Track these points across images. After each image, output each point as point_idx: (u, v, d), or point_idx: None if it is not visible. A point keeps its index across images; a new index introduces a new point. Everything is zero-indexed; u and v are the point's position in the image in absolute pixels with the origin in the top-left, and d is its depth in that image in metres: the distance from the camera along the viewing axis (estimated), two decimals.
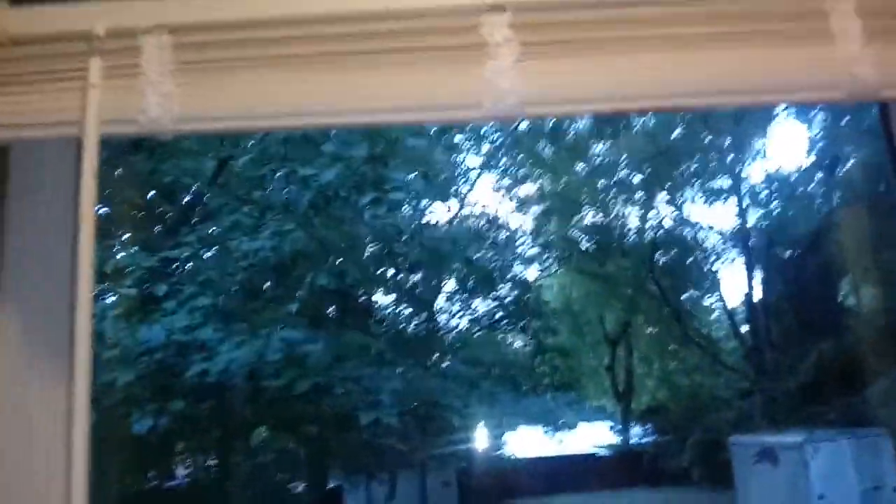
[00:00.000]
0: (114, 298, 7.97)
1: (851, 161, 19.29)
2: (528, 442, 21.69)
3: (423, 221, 12.33)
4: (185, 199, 9.90)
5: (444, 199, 14.27)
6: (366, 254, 11.19)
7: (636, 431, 24.72)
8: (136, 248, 8.59)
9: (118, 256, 8.19)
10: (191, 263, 8.78)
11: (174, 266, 8.55)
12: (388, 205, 7.42)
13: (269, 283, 8.68)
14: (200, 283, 8.12)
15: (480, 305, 20.71)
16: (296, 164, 7.54)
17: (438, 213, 18.55)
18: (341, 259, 8.23)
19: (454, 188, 18.45)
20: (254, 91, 1.45)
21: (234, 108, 1.45)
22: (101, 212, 9.85)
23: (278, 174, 7.88)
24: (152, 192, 9.35)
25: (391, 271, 13.75)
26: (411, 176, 8.78)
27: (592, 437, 24.27)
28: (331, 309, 11.01)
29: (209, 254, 8.81)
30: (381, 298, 17.23)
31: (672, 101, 1.39)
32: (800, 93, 1.40)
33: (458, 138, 16.91)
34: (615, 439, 24.65)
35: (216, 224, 8.76)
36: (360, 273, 9.28)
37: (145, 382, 7.44)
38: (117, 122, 1.47)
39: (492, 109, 1.36)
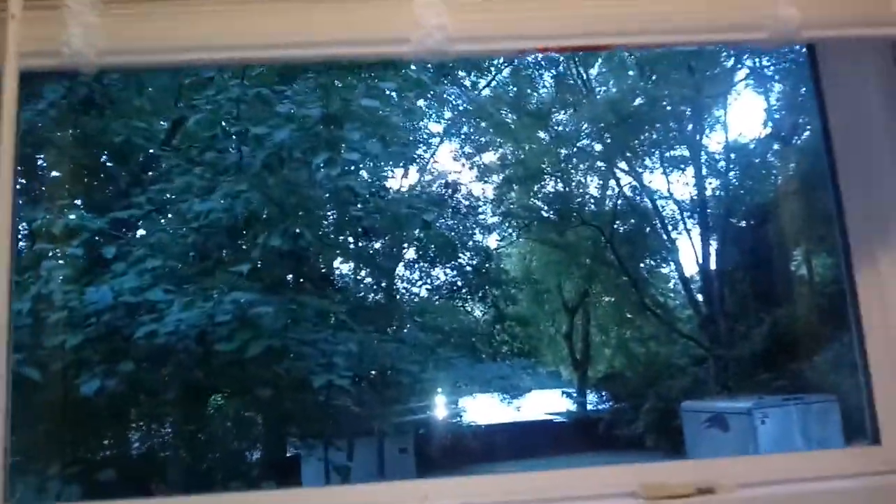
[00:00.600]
0: (61, 261, 7.81)
1: (808, 132, 19.57)
2: (486, 409, 21.88)
3: (382, 187, 12.25)
4: (137, 160, 9.70)
5: (404, 164, 14.17)
6: (323, 219, 11.10)
7: (592, 398, 25.04)
8: (84, 209, 8.41)
9: (66, 218, 8.01)
10: (141, 225, 8.63)
11: (124, 228, 8.39)
12: (342, 165, 7.31)
13: (221, 245, 8.56)
14: (150, 245, 7.99)
15: (440, 274, 20.77)
16: (248, 123, 7.43)
17: (398, 179, 18.51)
18: (296, 221, 8.14)
19: (415, 154, 18.36)
20: (180, 24, 1.41)
21: (160, 41, 1.42)
22: (51, 174, 9.66)
23: (230, 134, 7.75)
24: (103, 153, 9.14)
25: (350, 238, 13.69)
26: (371, 140, 8.68)
27: (549, 404, 24.56)
28: (288, 275, 10.94)
29: (160, 215, 8.67)
30: (341, 266, 17.19)
31: (595, 40, 1.38)
32: (722, 34, 1.41)
33: (420, 103, 16.78)
34: (572, 406, 24.96)
35: (168, 185, 8.61)
36: (315, 236, 9.19)
37: (93, 345, 7.33)
38: (39, 55, 1.43)
39: (419, 45, 1.34)
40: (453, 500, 1.51)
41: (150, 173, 9.54)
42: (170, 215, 9.27)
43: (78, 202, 9.02)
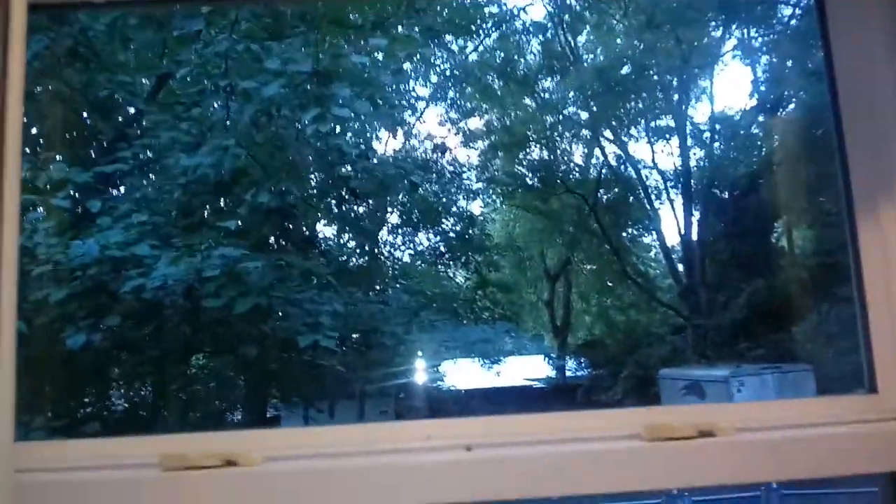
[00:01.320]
0: (45, 214, 7.73)
1: (793, 104, 19.67)
2: (466, 374, 22.02)
3: (370, 148, 12.17)
4: (122, 115, 9.57)
5: (391, 126, 14.09)
6: (310, 179, 11.05)
7: (572, 365, 25.25)
8: (69, 163, 8.29)
9: (51, 171, 7.90)
10: (127, 180, 8.55)
11: (109, 182, 8.31)
12: (331, 122, 7.23)
13: (208, 201, 8.51)
14: (136, 200, 7.91)
15: (424, 239, 20.78)
16: (237, 79, 7.34)
17: (385, 143, 18.41)
18: (282, 180, 8.09)
19: (401, 117, 18.23)
20: None
21: None
22: (34, 126, 9.49)
23: (219, 88, 7.65)
24: (87, 107, 9.01)
25: (337, 199, 13.63)
26: (359, 100, 8.58)
27: (529, 370, 24.73)
28: (273, 235, 10.90)
29: (147, 170, 8.59)
30: (324, 229, 17.17)
31: None
32: None
33: (406, 66, 16.65)
34: (551, 372, 25.15)
35: (153, 140, 8.51)
36: (302, 195, 9.14)
37: (79, 299, 7.29)
38: None
39: None
40: (456, 441, 1.52)
41: (136, 128, 9.42)
42: (151, 174, 9.18)
43: (62, 155, 8.91)
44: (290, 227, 10.84)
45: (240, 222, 7.88)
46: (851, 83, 1.72)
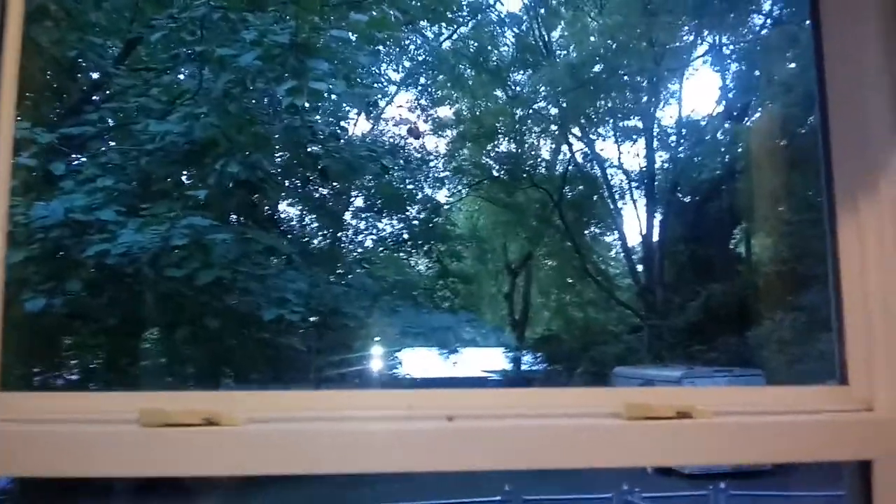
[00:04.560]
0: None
1: (759, 113, 19.95)
2: (423, 363, 21.99)
3: (339, 129, 12.02)
4: (90, 77, 9.32)
5: (363, 107, 13.95)
6: (278, 157, 10.91)
7: (528, 359, 25.37)
8: (33, 123, 8.03)
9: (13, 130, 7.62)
10: (92, 143, 8.33)
11: (74, 145, 8.09)
12: (307, 96, 7.09)
13: (176, 170, 8.33)
14: (102, 165, 7.72)
15: (387, 225, 20.70)
16: (213, 45, 7.17)
17: (353, 125, 18.26)
18: (253, 151, 7.95)
19: (373, 99, 18.05)
20: None
21: None
22: None
23: (193, 55, 7.46)
24: (54, 66, 8.74)
25: (305, 178, 13.49)
26: (333, 79, 8.45)
27: (486, 362, 24.79)
28: (237, 209, 10.74)
29: (114, 135, 8.39)
30: (288, 209, 17.04)
31: None
32: None
33: (380, 48, 16.49)
34: (507, 366, 25.24)
35: (121, 105, 8.32)
36: (272, 167, 9.00)
37: (40, 262, 7.11)
38: None
39: None
40: (437, 411, 1.51)
41: (104, 91, 9.18)
42: (115, 140, 8.95)
43: (26, 115, 8.64)
44: (255, 202, 10.70)
45: (210, 192, 7.72)
46: (840, 76, 1.74)
